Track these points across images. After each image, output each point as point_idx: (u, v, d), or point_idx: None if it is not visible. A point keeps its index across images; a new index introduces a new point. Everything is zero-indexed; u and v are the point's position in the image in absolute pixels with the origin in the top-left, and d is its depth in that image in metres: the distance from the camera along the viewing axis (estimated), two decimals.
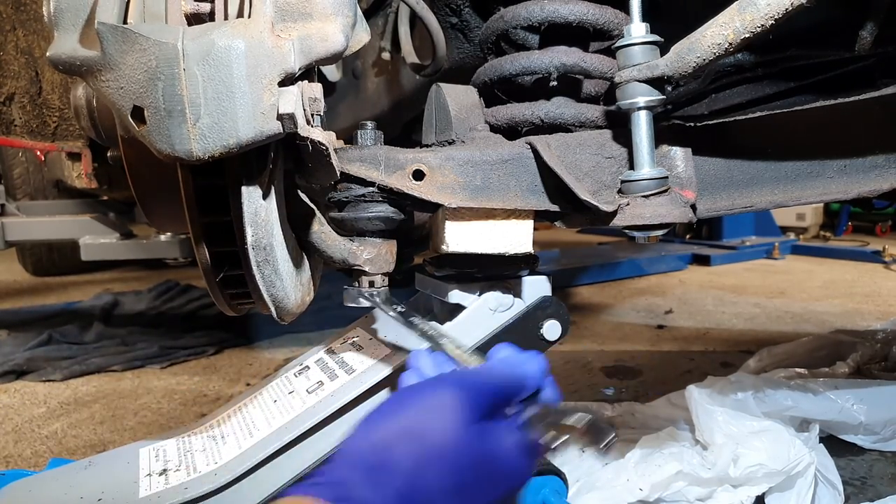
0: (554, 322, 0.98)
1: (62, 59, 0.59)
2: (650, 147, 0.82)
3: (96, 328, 2.81)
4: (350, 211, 0.86)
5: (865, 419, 1.54)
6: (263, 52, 0.58)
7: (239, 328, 2.78)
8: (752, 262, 4.77)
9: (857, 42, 0.89)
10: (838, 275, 4.18)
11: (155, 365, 2.44)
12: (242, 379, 2.31)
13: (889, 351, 2.00)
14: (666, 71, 0.78)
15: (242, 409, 1.02)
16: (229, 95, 0.58)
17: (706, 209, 0.93)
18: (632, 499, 1.23)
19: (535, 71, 0.95)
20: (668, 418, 1.56)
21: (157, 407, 2.05)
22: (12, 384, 2.28)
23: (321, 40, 0.61)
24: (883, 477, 1.47)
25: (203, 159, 0.59)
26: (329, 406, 0.90)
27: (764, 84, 1.07)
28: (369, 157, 0.83)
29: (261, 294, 0.72)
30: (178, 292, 3.48)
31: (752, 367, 1.96)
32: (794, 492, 1.26)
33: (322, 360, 1.05)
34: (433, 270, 1.03)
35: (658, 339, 2.76)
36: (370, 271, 0.85)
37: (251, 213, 0.67)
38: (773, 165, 0.94)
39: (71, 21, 0.60)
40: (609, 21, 0.93)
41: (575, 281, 3.90)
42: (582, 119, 0.95)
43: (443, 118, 0.97)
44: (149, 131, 0.58)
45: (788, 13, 0.69)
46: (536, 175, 0.88)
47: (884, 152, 0.94)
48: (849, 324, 2.84)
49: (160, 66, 0.56)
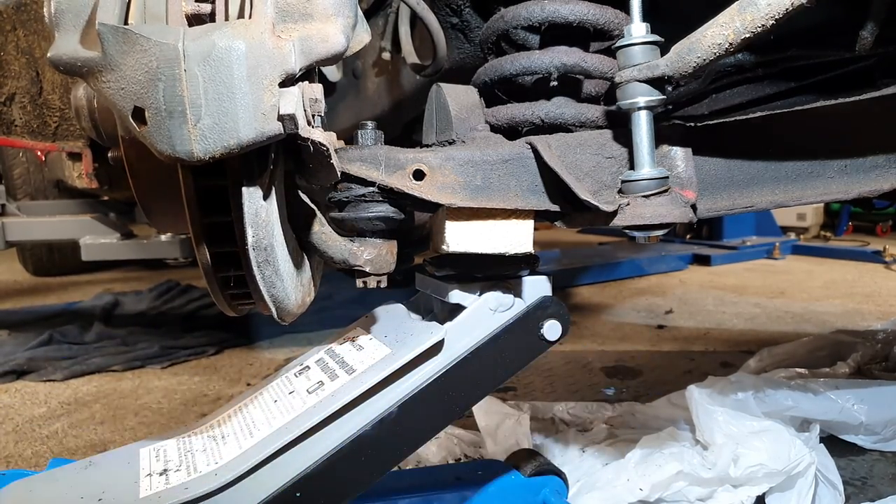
0: (554, 322, 0.98)
1: (63, 59, 0.59)
2: (650, 147, 0.82)
3: (97, 328, 2.81)
4: (350, 211, 0.86)
5: (866, 419, 1.54)
6: (264, 53, 0.58)
7: (239, 328, 2.79)
8: (753, 262, 4.78)
9: (858, 42, 0.89)
10: (839, 275, 4.18)
11: (155, 365, 2.44)
12: (243, 379, 2.31)
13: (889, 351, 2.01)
14: (666, 71, 0.78)
15: (243, 409, 1.02)
16: (230, 96, 0.58)
17: (706, 209, 0.93)
18: (632, 499, 1.23)
19: (535, 71, 0.95)
20: (669, 418, 1.56)
21: (157, 407, 2.05)
22: (13, 384, 2.29)
23: (322, 41, 0.61)
24: (883, 477, 1.47)
25: (204, 160, 0.59)
26: (329, 406, 0.90)
27: (764, 84, 1.07)
28: (369, 156, 0.83)
29: (261, 295, 0.72)
30: (178, 292, 3.48)
31: (752, 367, 1.97)
32: (794, 492, 1.27)
33: (322, 360, 1.05)
34: (433, 270, 1.03)
35: (658, 339, 2.76)
36: (371, 272, 0.85)
37: (252, 214, 0.67)
38: (774, 165, 0.94)
39: (72, 22, 0.60)
40: (609, 21, 0.93)
41: (575, 281, 3.91)
42: (582, 119, 0.95)
43: (443, 118, 0.97)
44: (149, 132, 0.58)
45: (789, 13, 0.69)
46: (537, 175, 0.88)
47: (884, 152, 0.94)
48: (849, 324, 2.84)
49: (161, 66, 0.56)
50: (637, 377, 2.23)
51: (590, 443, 1.50)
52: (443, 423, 1.00)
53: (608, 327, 2.95)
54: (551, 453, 1.48)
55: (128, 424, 1.92)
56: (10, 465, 1.67)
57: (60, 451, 1.74)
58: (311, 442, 0.90)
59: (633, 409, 1.67)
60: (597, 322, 3.05)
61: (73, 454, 1.72)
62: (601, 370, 2.32)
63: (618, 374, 2.27)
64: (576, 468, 1.37)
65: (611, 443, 1.49)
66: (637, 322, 3.04)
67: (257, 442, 0.90)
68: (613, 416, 1.67)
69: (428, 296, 1.09)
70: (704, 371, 2.15)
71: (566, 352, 2.52)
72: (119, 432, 1.86)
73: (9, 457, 1.72)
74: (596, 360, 2.44)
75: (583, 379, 2.23)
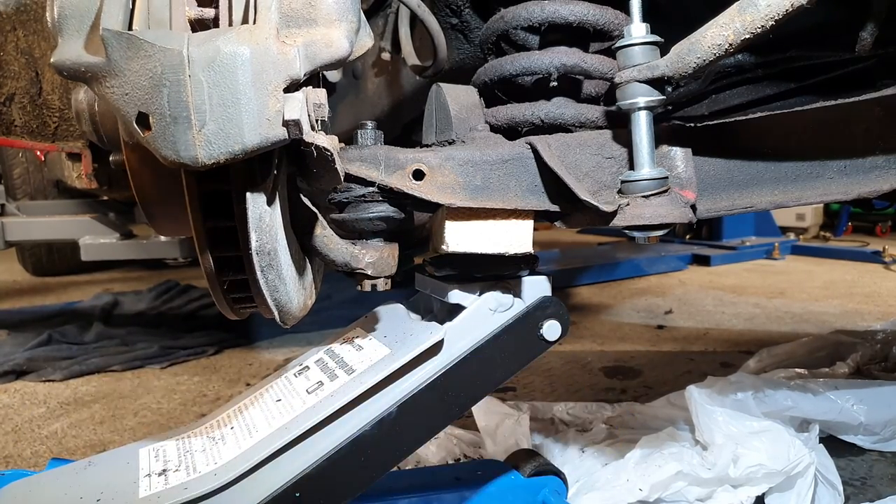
0: (554, 322, 0.98)
1: (66, 65, 0.59)
2: (650, 147, 0.82)
3: (96, 328, 2.81)
4: (350, 212, 0.86)
5: (865, 419, 1.55)
6: (269, 59, 0.58)
7: (239, 328, 2.79)
8: (752, 263, 4.78)
9: (858, 43, 0.90)
10: (838, 275, 4.18)
11: (155, 365, 2.44)
12: (242, 379, 2.31)
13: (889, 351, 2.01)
14: (666, 71, 0.78)
15: (242, 409, 1.02)
16: (235, 102, 0.58)
17: (706, 209, 0.93)
18: (631, 499, 1.23)
19: (535, 71, 0.95)
20: (668, 418, 1.56)
21: (156, 407, 2.05)
22: (12, 384, 2.29)
23: (326, 46, 0.61)
24: (883, 477, 1.48)
25: (208, 166, 0.59)
26: (329, 406, 0.90)
27: (764, 85, 1.07)
28: (369, 156, 0.83)
29: (264, 299, 0.72)
30: (178, 292, 3.48)
31: (751, 368, 1.97)
32: (793, 492, 1.27)
33: (322, 361, 1.05)
34: (433, 270, 1.03)
35: (658, 339, 2.76)
36: (373, 274, 0.85)
37: (256, 219, 0.67)
38: (774, 166, 0.94)
39: (75, 27, 0.60)
40: (609, 21, 0.93)
41: (575, 281, 3.91)
42: (582, 119, 0.95)
43: (443, 118, 0.97)
44: (154, 138, 0.58)
45: (788, 14, 0.69)
46: (536, 175, 0.88)
47: (884, 153, 0.94)
48: (849, 324, 2.84)
49: (165, 72, 0.56)
50: (636, 377, 2.23)
51: (589, 443, 1.50)
52: (442, 423, 1.00)
53: (608, 327, 2.95)
54: (551, 453, 1.48)
55: (127, 424, 1.92)
56: (9, 465, 1.67)
57: (60, 452, 1.74)
58: (310, 442, 0.90)
59: (632, 410, 1.67)
60: (596, 322, 3.05)
61: (73, 454, 1.72)
62: (601, 370, 2.32)
63: (617, 374, 2.27)
64: (575, 468, 1.37)
65: (610, 443, 1.49)
66: (636, 322, 3.04)
67: (257, 442, 0.90)
68: (613, 416, 1.67)
69: (427, 296, 1.09)
70: (704, 371, 2.15)
71: (566, 352, 2.52)
72: (118, 432, 1.86)
73: (8, 457, 1.72)
74: (595, 360, 2.44)
75: (582, 379, 2.23)
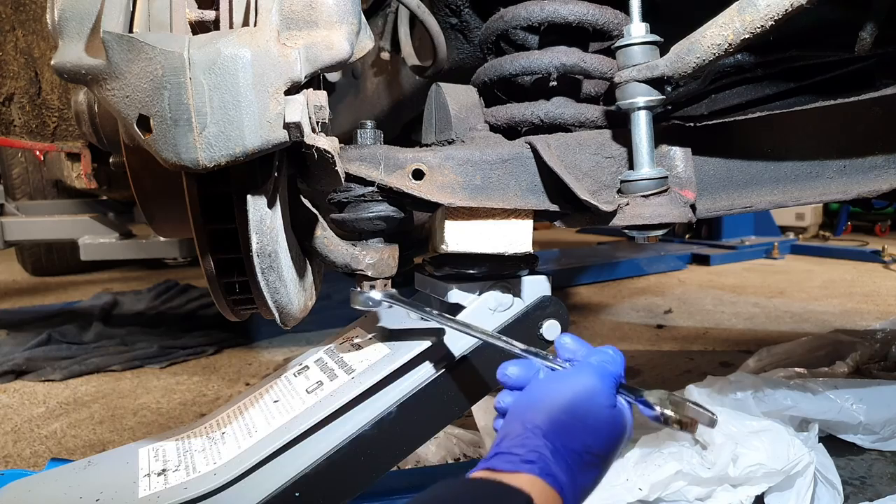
0: (553, 322, 0.98)
1: (67, 67, 0.58)
2: (650, 147, 0.82)
3: (96, 328, 2.81)
4: (350, 211, 0.86)
5: (865, 419, 1.55)
6: (269, 61, 0.58)
7: (238, 328, 2.78)
8: (752, 262, 4.77)
9: (857, 43, 0.90)
10: (837, 274, 4.18)
11: (154, 365, 2.44)
12: (242, 379, 2.31)
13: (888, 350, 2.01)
14: (666, 71, 0.78)
15: (242, 409, 1.02)
16: (235, 104, 0.58)
17: (706, 209, 0.93)
18: (631, 498, 1.23)
19: (534, 71, 0.95)
20: None
21: (156, 407, 2.05)
22: (11, 384, 2.28)
23: (326, 48, 0.60)
24: (882, 476, 1.48)
25: (209, 168, 0.59)
26: (328, 406, 0.90)
27: (764, 84, 1.07)
28: (369, 156, 0.83)
29: (265, 300, 0.72)
30: (177, 292, 3.48)
31: (751, 367, 1.97)
32: (793, 491, 1.27)
33: (322, 360, 1.05)
34: (432, 270, 1.03)
35: (657, 338, 2.76)
36: (373, 276, 0.85)
37: (256, 221, 0.67)
38: (773, 166, 0.94)
39: (76, 29, 0.60)
40: (609, 21, 0.93)
41: (574, 281, 3.90)
42: (582, 119, 0.95)
43: (443, 118, 0.97)
44: (154, 140, 0.58)
45: (788, 14, 0.69)
46: (536, 175, 0.88)
47: (883, 153, 0.94)
48: (848, 323, 2.84)
49: (166, 74, 0.56)
50: (636, 377, 2.23)
51: None
52: (442, 422, 1.00)
53: (607, 327, 2.95)
54: None
55: (126, 424, 1.92)
56: (8, 465, 1.67)
57: (59, 451, 1.74)
58: (310, 442, 0.90)
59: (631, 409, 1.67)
60: (596, 322, 3.05)
61: (72, 454, 1.72)
62: None
63: None
64: None
65: None
66: (636, 322, 3.04)
67: (256, 442, 0.90)
68: None
69: (427, 295, 1.09)
70: (703, 371, 2.15)
71: None
72: (118, 432, 1.86)
73: (7, 457, 1.72)
74: None
75: None
